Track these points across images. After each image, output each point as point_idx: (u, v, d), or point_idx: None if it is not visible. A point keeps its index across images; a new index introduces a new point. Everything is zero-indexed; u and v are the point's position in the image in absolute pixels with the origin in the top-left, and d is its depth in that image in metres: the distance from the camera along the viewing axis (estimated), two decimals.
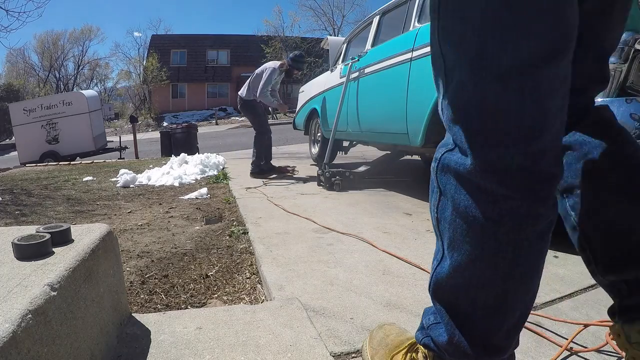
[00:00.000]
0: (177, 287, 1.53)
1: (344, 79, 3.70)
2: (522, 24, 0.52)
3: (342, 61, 4.14)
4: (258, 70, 4.24)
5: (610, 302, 0.78)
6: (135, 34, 47.45)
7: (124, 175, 4.22)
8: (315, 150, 4.98)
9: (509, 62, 0.54)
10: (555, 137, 0.58)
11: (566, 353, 0.98)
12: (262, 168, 4.25)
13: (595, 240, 0.76)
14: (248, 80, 4.29)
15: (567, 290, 1.32)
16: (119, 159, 10.21)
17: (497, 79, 0.55)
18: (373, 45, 3.51)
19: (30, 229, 1.04)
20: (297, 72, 4.33)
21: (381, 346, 0.89)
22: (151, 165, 5.60)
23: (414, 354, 0.77)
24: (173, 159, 5.21)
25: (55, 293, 0.73)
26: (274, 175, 4.23)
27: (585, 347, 0.99)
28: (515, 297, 0.63)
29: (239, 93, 4.35)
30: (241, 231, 2.16)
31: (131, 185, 4.05)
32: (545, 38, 0.53)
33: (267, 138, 4.29)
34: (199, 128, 10.54)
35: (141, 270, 1.67)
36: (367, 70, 3.32)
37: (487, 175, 0.57)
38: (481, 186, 0.59)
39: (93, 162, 7.90)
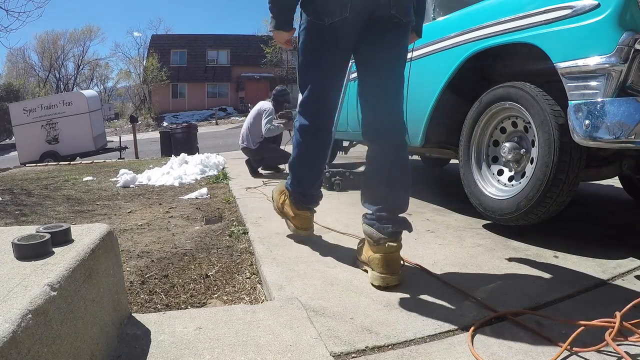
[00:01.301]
0: (177, 287, 1.53)
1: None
2: (310, 99, 1.56)
3: None
4: (253, 116, 4.36)
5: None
6: (135, 34, 47.38)
7: (124, 175, 4.22)
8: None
9: (311, 95, 1.57)
10: (324, 120, 1.61)
11: (566, 353, 0.98)
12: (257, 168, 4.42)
13: None
14: (246, 130, 4.39)
15: (567, 290, 1.32)
16: (119, 159, 10.21)
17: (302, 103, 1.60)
18: None
19: (30, 229, 1.04)
20: (287, 104, 4.65)
21: (276, 191, 1.92)
22: (151, 165, 5.60)
23: (285, 194, 1.82)
24: (173, 159, 5.20)
25: (55, 293, 0.73)
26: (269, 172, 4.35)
27: (585, 347, 0.99)
28: (308, 174, 1.69)
29: (243, 146, 4.44)
30: (241, 231, 2.16)
31: (131, 185, 4.05)
32: (314, 92, 1.54)
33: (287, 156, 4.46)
34: (199, 128, 10.54)
35: (141, 270, 1.67)
36: None
37: (303, 124, 1.59)
38: (300, 128, 1.61)
39: (93, 162, 7.90)
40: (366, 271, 1.45)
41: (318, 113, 1.55)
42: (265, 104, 4.34)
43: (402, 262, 1.41)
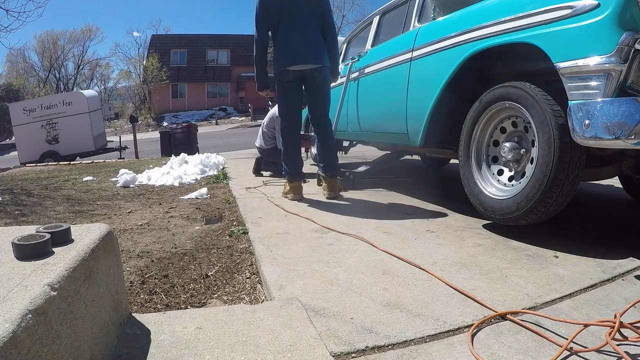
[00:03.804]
0: (177, 287, 1.53)
1: (344, 79, 3.70)
2: (284, 123, 2.91)
3: (342, 61, 4.14)
4: (268, 118, 4.35)
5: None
6: (135, 34, 47.38)
7: (124, 175, 4.22)
8: (315, 150, 4.97)
9: (284, 120, 2.90)
10: (294, 133, 2.92)
11: (566, 353, 0.98)
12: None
13: None
14: (260, 130, 4.42)
15: (567, 290, 1.32)
16: (119, 159, 10.21)
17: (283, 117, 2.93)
18: (373, 45, 3.51)
19: (30, 229, 1.04)
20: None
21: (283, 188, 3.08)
22: (151, 165, 5.60)
23: (286, 183, 2.98)
24: (173, 159, 5.20)
25: (55, 293, 0.73)
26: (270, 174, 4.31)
27: (585, 347, 0.99)
28: (291, 161, 2.88)
29: (257, 145, 4.42)
30: (241, 231, 2.16)
31: (131, 185, 4.05)
32: (285, 118, 2.89)
33: None
34: (199, 128, 10.53)
35: (141, 270, 1.67)
36: (367, 70, 3.32)
37: (282, 136, 2.94)
38: (283, 131, 2.93)
39: (93, 162, 7.90)
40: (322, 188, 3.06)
41: (290, 123, 2.88)
42: (276, 112, 4.31)
43: (341, 188, 3.03)
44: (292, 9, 2.74)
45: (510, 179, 1.98)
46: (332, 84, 4.27)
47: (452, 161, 4.49)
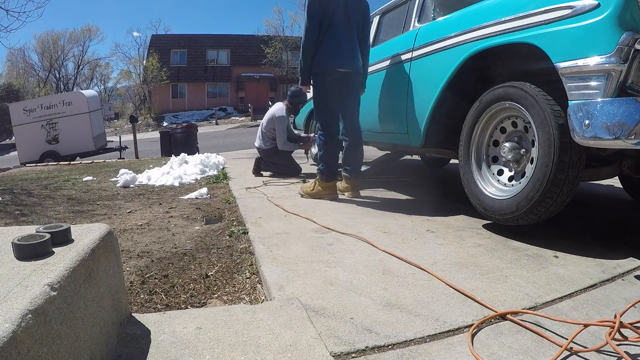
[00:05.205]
0: (177, 287, 1.53)
1: None
2: (325, 122, 2.90)
3: None
4: (267, 119, 4.33)
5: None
6: (135, 34, 47.38)
7: (124, 175, 4.21)
8: (315, 150, 4.97)
9: (326, 119, 2.90)
10: (336, 132, 2.93)
11: (566, 353, 0.98)
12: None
13: None
14: (259, 130, 4.41)
15: (567, 290, 1.32)
16: (119, 158, 10.20)
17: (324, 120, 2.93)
18: (373, 45, 3.50)
19: (30, 229, 1.04)
20: (301, 105, 4.50)
21: (304, 187, 3.07)
22: (151, 165, 5.60)
23: (317, 180, 2.94)
24: (173, 159, 5.20)
25: (55, 293, 0.73)
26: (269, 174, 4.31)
27: (585, 347, 0.99)
28: (332, 160, 2.88)
29: (257, 145, 4.42)
30: (241, 231, 2.16)
31: (131, 185, 4.04)
32: (327, 117, 2.90)
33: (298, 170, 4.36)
34: (199, 128, 10.53)
35: (141, 270, 1.67)
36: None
37: (325, 136, 2.89)
38: (322, 135, 2.90)
39: (93, 162, 7.89)
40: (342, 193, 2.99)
41: (332, 122, 2.90)
42: (280, 111, 4.28)
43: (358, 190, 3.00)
44: (345, 14, 2.78)
45: (510, 179, 1.98)
46: None
47: (452, 161, 4.49)
